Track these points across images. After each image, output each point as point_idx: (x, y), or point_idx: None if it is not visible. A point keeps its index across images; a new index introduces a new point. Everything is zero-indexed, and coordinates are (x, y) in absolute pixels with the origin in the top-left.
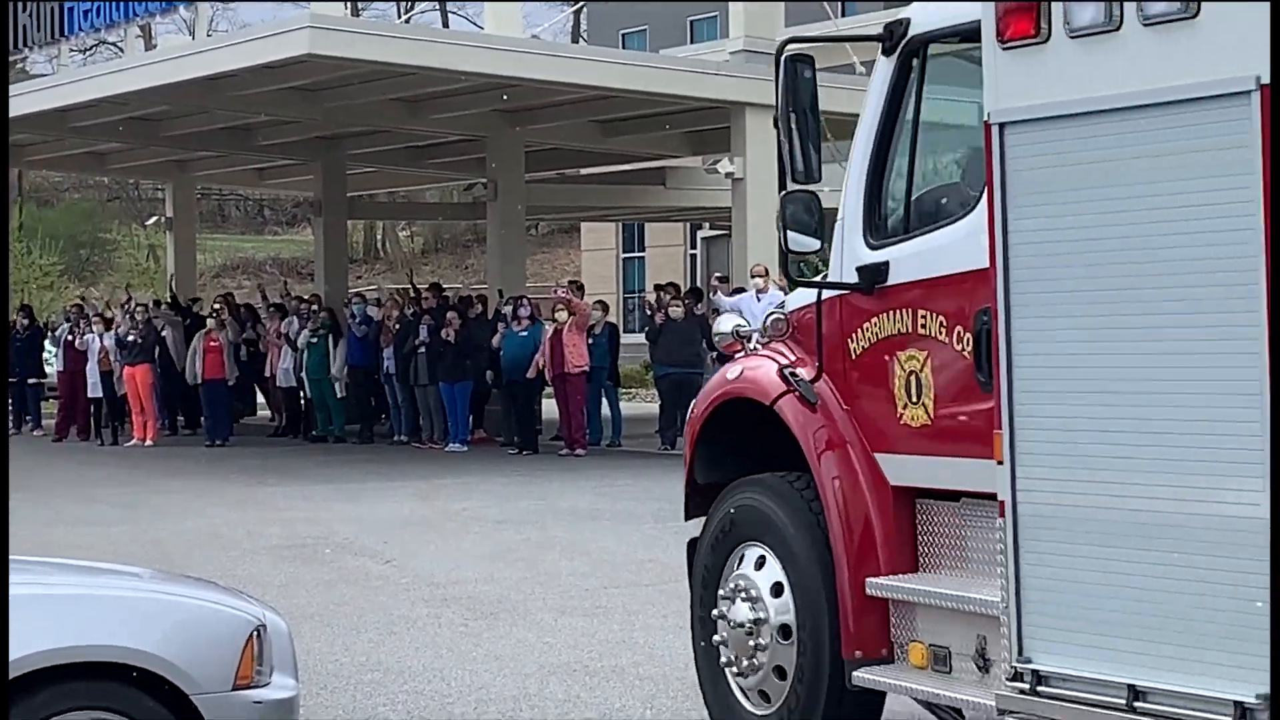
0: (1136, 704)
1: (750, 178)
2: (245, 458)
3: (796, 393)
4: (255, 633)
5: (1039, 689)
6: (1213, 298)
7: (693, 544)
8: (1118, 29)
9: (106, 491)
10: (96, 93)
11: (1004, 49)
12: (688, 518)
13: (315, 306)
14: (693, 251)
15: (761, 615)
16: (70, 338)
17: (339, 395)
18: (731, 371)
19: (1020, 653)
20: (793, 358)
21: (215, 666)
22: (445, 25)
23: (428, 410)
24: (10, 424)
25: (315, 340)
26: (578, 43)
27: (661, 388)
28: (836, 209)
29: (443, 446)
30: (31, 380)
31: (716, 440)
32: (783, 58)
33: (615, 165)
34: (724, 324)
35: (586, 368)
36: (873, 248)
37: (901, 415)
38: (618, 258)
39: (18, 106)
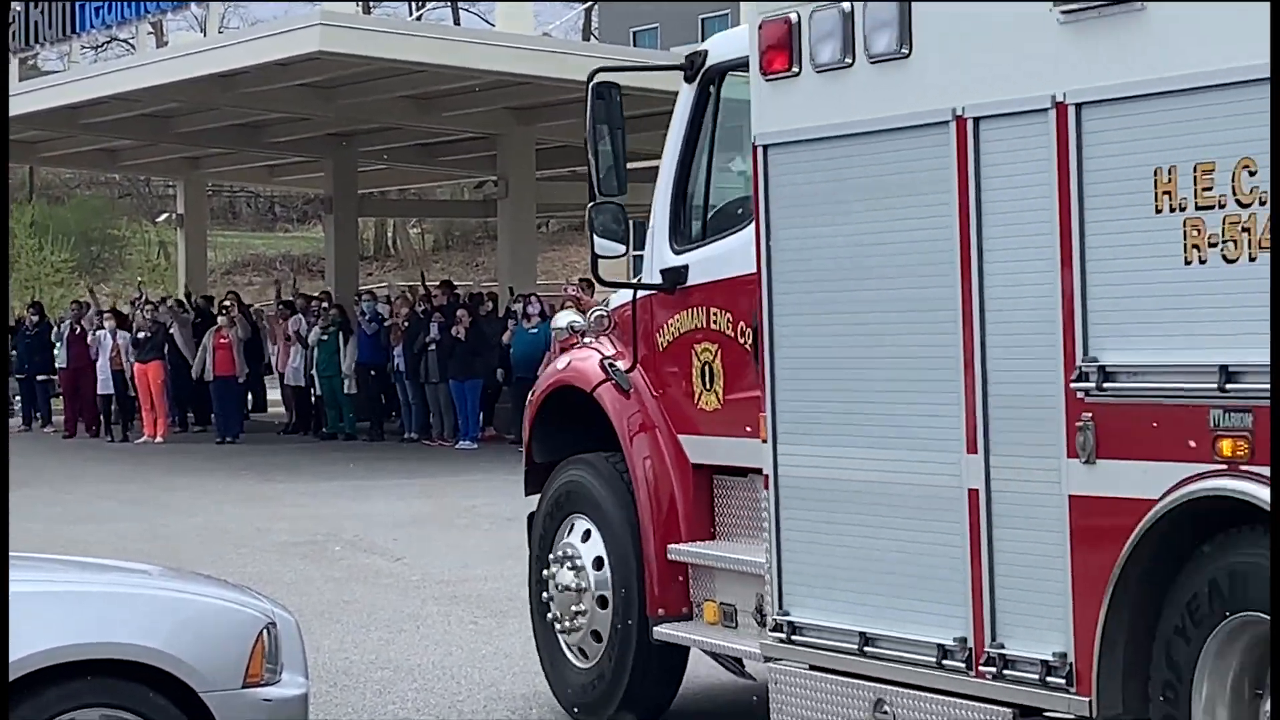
0: (866, 648)
1: None
2: (255, 455)
3: (613, 381)
4: (265, 630)
5: (793, 638)
6: (925, 300)
7: (532, 516)
8: (851, 65)
9: (116, 488)
10: (108, 90)
11: (766, 81)
12: (528, 493)
13: (325, 304)
14: None
15: (584, 584)
16: (76, 331)
17: (349, 392)
18: (561, 362)
19: (780, 607)
20: (613, 350)
21: (225, 664)
22: (456, 23)
23: (438, 408)
24: (20, 420)
25: (325, 338)
26: (589, 40)
27: None
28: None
29: (453, 444)
30: (41, 377)
31: (551, 423)
32: (590, 85)
33: (628, 163)
34: (560, 320)
35: None
36: (676, 252)
37: (698, 401)
38: (629, 256)
39: (29, 103)
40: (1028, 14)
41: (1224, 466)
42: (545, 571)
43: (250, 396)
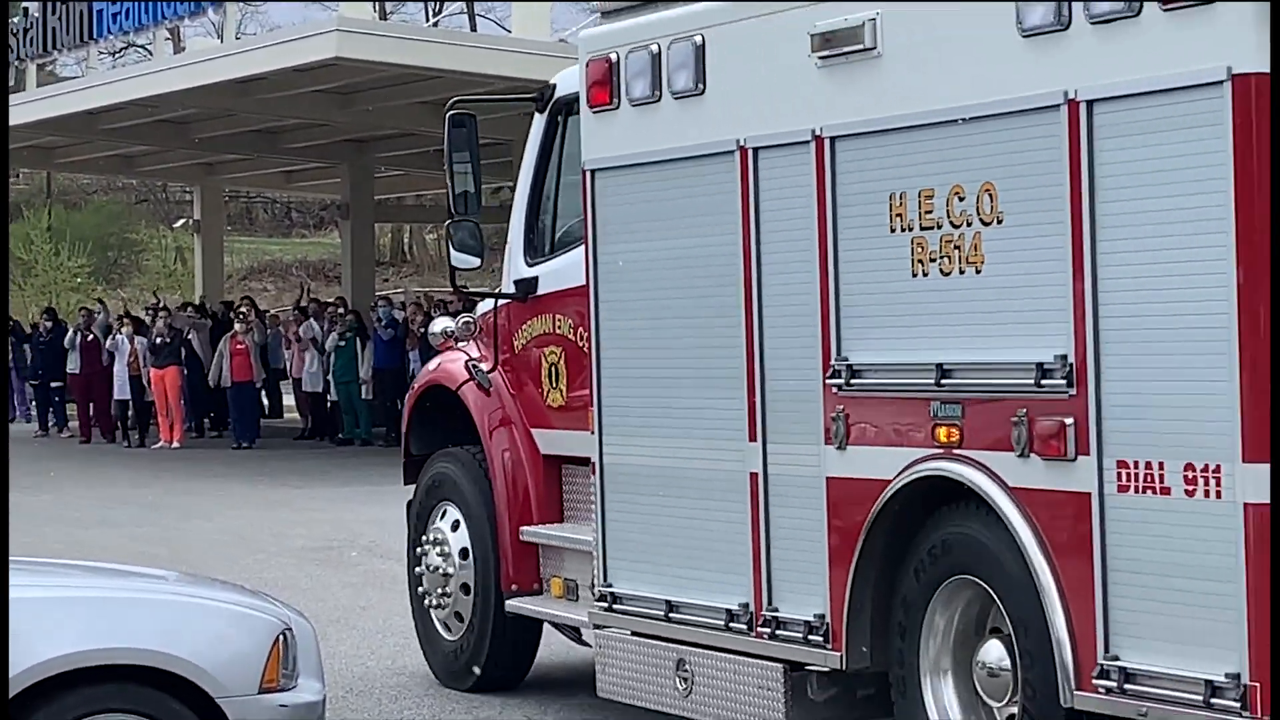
0: (670, 615)
1: None
2: (271, 460)
3: (476, 381)
4: (281, 636)
5: (614, 607)
6: (716, 309)
7: (409, 504)
8: (658, 100)
9: (132, 493)
10: (125, 95)
11: (592, 113)
12: (406, 483)
13: (342, 309)
14: None
15: (450, 570)
16: (88, 338)
17: (365, 398)
18: (433, 364)
19: (605, 579)
20: (478, 353)
21: (241, 669)
22: (473, 29)
23: None
24: (36, 426)
25: (343, 344)
26: None
27: None
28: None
29: None
30: (56, 383)
31: (426, 419)
32: (447, 116)
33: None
34: (435, 326)
35: None
36: (529, 265)
37: (547, 398)
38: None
39: (47, 109)
40: (794, 58)
41: (941, 451)
42: (419, 551)
43: (266, 402)
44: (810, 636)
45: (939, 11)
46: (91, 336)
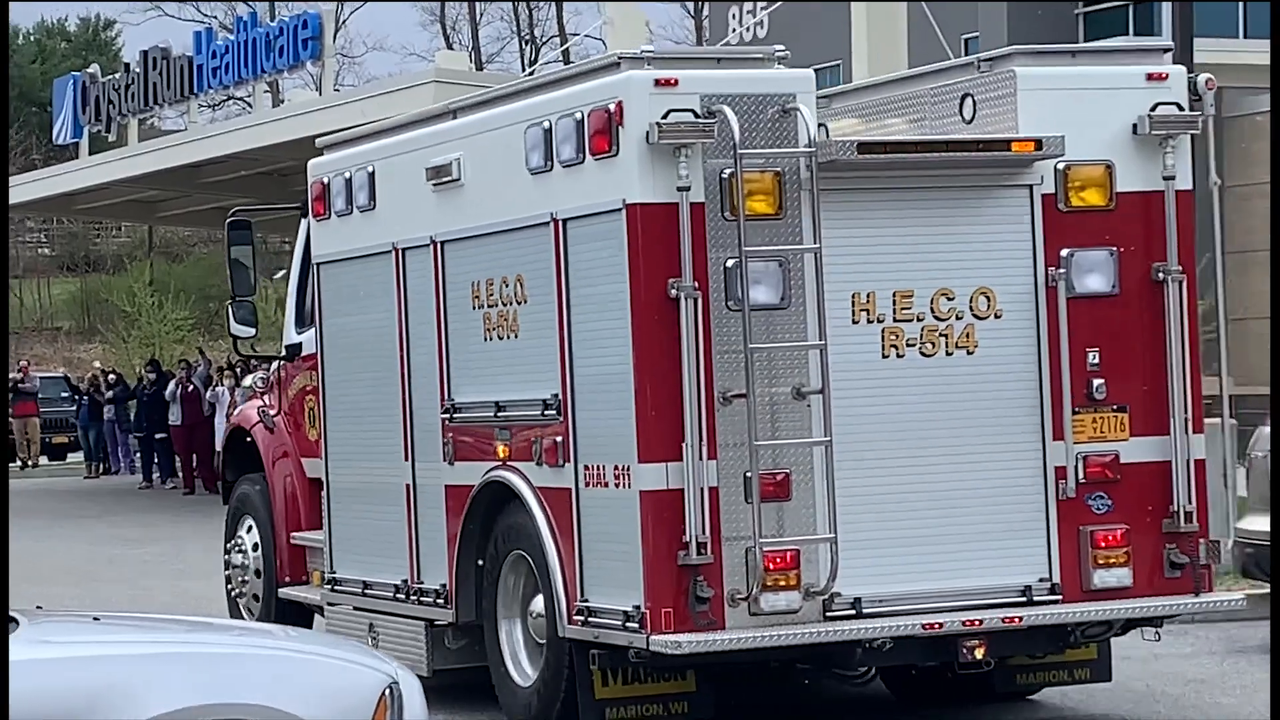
0: (365, 592)
1: None
2: None
3: (264, 423)
4: (388, 690)
5: (336, 589)
6: (387, 365)
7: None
8: (351, 213)
9: None
10: (226, 149)
11: (316, 220)
12: (224, 504)
13: None
14: None
15: (248, 565)
16: (188, 389)
17: None
18: (238, 411)
19: (331, 569)
20: (269, 401)
21: None
22: None
23: None
24: (140, 477)
25: None
26: None
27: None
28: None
29: None
30: (159, 435)
31: (235, 452)
32: (227, 222)
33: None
34: (246, 380)
35: None
36: (296, 333)
37: (310, 435)
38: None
39: (149, 163)
40: (420, 184)
41: (501, 463)
42: (227, 556)
43: None
44: (438, 601)
45: (494, 152)
46: (192, 388)
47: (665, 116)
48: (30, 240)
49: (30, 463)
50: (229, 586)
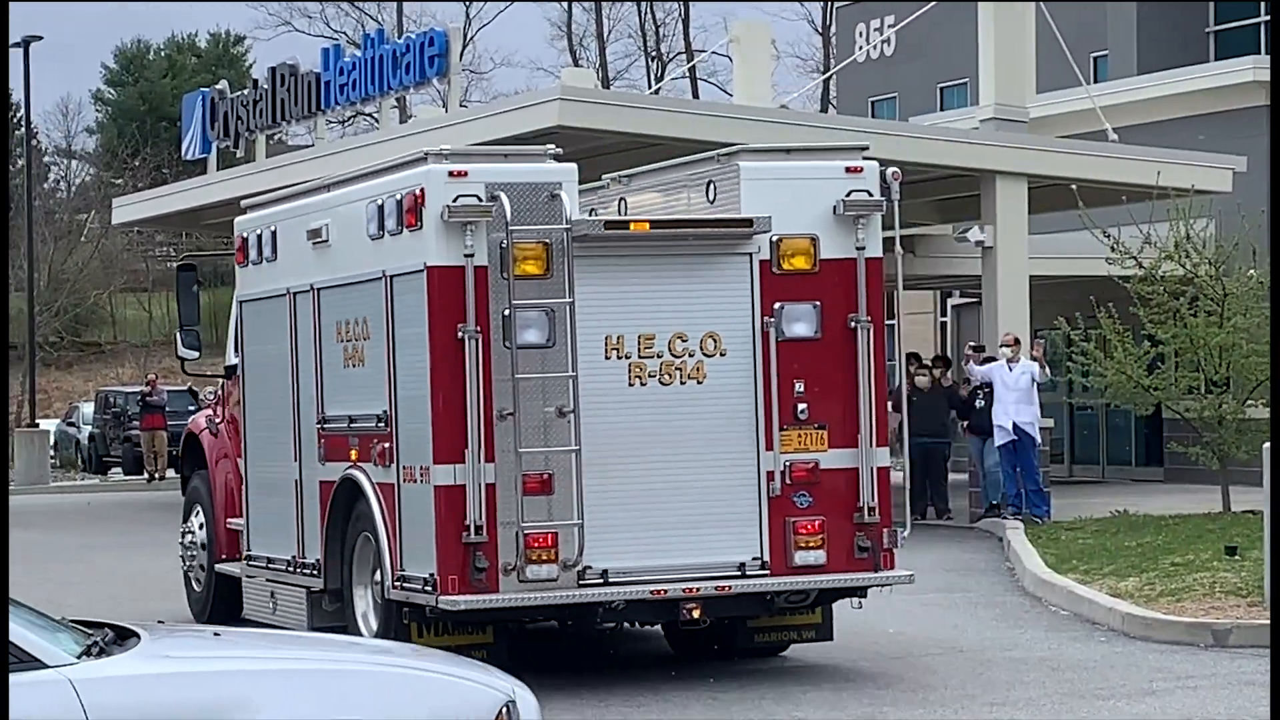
0: (268, 565)
1: (1001, 246)
2: None
3: (209, 429)
4: (505, 708)
5: (251, 564)
6: (284, 384)
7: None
8: (262, 263)
9: None
10: (352, 165)
11: (239, 267)
12: (183, 494)
13: None
14: (943, 319)
15: (195, 543)
16: None
17: None
18: (191, 418)
19: (249, 548)
20: (216, 411)
21: None
22: (695, 95)
23: None
24: None
25: None
26: (826, 111)
27: (910, 457)
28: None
29: None
30: None
31: (190, 452)
32: (176, 265)
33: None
34: (208, 394)
35: None
36: (235, 355)
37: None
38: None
39: (276, 179)
40: (303, 242)
41: (352, 464)
42: (181, 538)
43: None
44: (313, 572)
45: (349, 220)
46: None
47: (455, 200)
48: (160, 255)
49: (158, 475)
50: (183, 564)
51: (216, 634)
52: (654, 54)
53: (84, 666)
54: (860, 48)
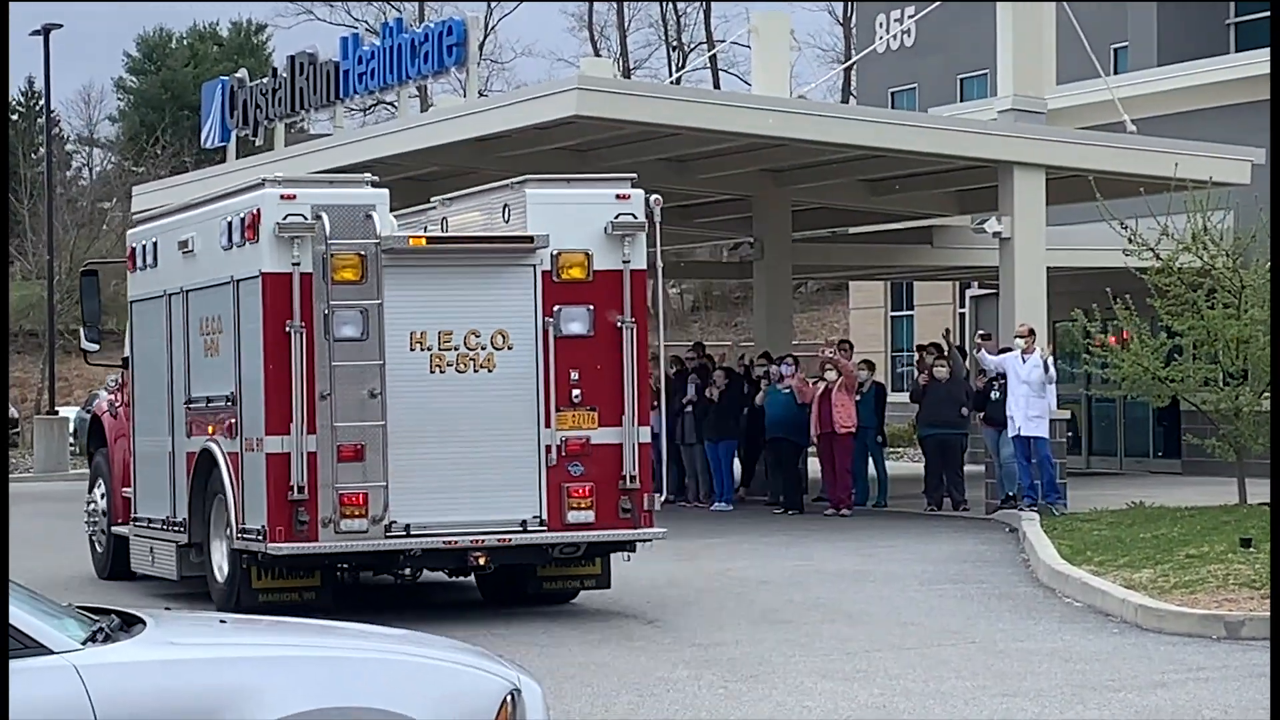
0: (149, 525)
1: (1018, 237)
2: None
3: (110, 412)
4: (509, 696)
5: (135, 524)
6: (163, 374)
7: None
8: (146, 269)
9: None
10: (370, 155)
11: (130, 273)
12: (89, 465)
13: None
14: (961, 310)
15: (97, 510)
16: None
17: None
18: (95, 402)
19: (136, 512)
20: (116, 396)
21: None
22: (715, 85)
23: (693, 469)
24: None
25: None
26: (846, 102)
27: (926, 448)
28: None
29: (708, 505)
30: None
31: (94, 432)
32: (81, 270)
33: (882, 224)
34: (109, 380)
35: (853, 428)
36: (130, 349)
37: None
38: (886, 316)
39: (294, 168)
40: (175, 253)
41: (209, 437)
42: (86, 504)
43: None
44: (181, 529)
45: (208, 234)
46: None
47: (285, 218)
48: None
49: None
50: (87, 529)
51: (222, 621)
52: (674, 44)
53: (89, 653)
54: (880, 38)
